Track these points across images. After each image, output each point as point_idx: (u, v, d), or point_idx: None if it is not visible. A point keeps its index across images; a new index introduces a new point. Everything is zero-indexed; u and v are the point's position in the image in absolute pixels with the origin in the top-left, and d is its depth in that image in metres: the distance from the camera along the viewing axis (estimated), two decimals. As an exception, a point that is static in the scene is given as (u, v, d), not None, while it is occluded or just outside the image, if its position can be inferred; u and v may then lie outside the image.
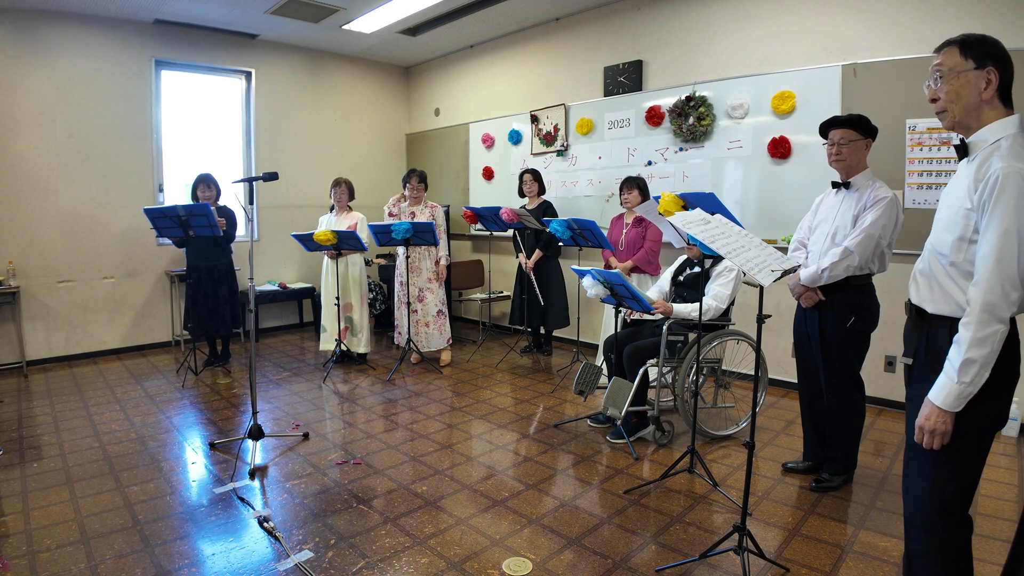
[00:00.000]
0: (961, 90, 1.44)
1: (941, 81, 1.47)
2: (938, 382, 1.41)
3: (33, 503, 2.57)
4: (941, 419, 1.40)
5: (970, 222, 1.40)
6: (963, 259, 1.42)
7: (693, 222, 2.22)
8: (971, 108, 1.45)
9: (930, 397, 1.42)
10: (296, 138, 6.33)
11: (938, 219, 1.53)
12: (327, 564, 2.13)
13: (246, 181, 3.05)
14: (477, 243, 6.48)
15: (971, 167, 1.43)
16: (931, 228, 1.56)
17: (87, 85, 5.04)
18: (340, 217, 4.82)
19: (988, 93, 1.42)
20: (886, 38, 3.58)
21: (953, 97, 1.46)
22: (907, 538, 1.61)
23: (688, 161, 4.54)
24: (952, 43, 1.47)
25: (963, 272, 1.43)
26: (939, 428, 1.40)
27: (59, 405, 3.93)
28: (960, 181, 1.47)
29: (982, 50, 1.42)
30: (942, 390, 1.39)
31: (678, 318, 3.12)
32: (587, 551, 2.22)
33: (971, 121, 1.46)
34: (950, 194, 1.50)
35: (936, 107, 1.51)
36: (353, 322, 4.86)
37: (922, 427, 1.44)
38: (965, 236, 1.41)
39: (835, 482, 2.68)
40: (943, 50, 1.48)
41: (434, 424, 3.57)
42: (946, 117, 1.49)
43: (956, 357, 1.37)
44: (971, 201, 1.39)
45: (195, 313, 4.56)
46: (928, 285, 1.53)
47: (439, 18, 5.42)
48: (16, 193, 4.79)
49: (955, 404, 1.38)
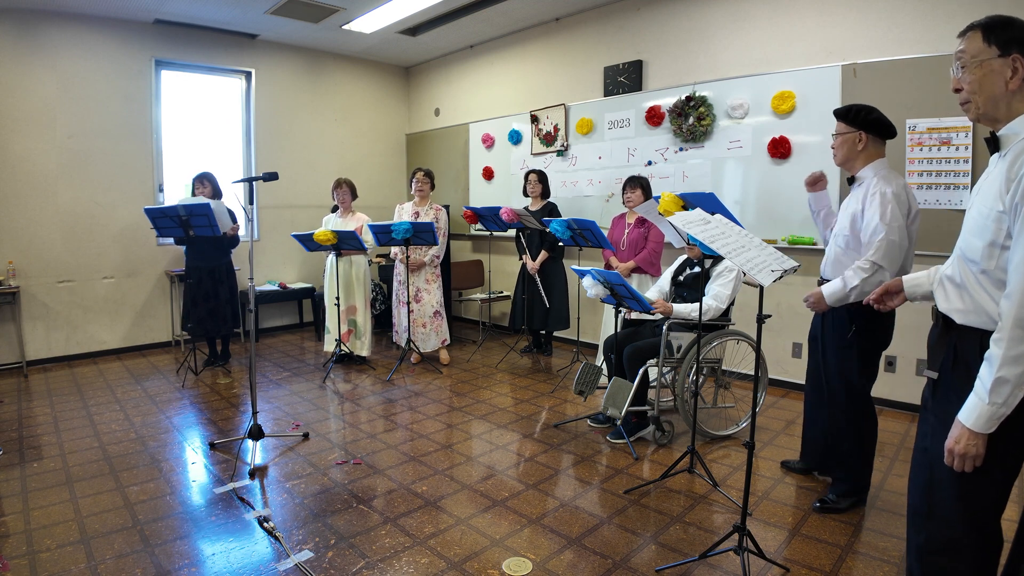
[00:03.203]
0: (984, 79, 1.32)
1: (964, 70, 1.36)
2: (968, 402, 1.29)
3: (33, 503, 2.57)
4: (972, 442, 1.28)
5: (1002, 226, 1.27)
6: (995, 267, 1.30)
7: (693, 222, 2.22)
8: (996, 99, 1.32)
9: (960, 418, 1.30)
10: (296, 138, 6.33)
11: (968, 222, 1.39)
12: (327, 564, 2.13)
13: (246, 181, 3.05)
14: (477, 243, 6.48)
15: (1003, 163, 1.30)
16: (959, 231, 1.44)
17: (87, 85, 5.04)
18: (345, 219, 4.82)
19: (1015, 83, 1.29)
20: (886, 38, 3.58)
21: (976, 87, 1.34)
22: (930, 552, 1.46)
23: (688, 161, 4.54)
24: (975, 27, 1.34)
25: (995, 281, 1.30)
26: (970, 451, 1.29)
27: (59, 405, 3.93)
28: (992, 180, 1.34)
29: (1007, 34, 1.29)
30: (973, 411, 1.28)
31: (678, 318, 3.12)
32: (587, 551, 2.22)
33: (998, 113, 1.33)
34: (981, 193, 1.37)
35: (960, 97, 1.39)
36: (357, 325, 4.86)
37: (952, 450, 1.32)
38: (997, 242, 1.29)
39: (841, 504, 2.48)
40: (967, 35, 1.36)
41: (434, 424, 3.57)
42: (970, 108, 1.37)
43: (987, 376, 1.25)
44: (1003, 203, 1.26)
45: (195, 313, 4.55)
46: (958, 294, 1.40)
47: (439, 18, 5.43)
48: (16, 193, 4.79)
49: (987, 426, 1.26)
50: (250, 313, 3.07)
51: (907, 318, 3.56)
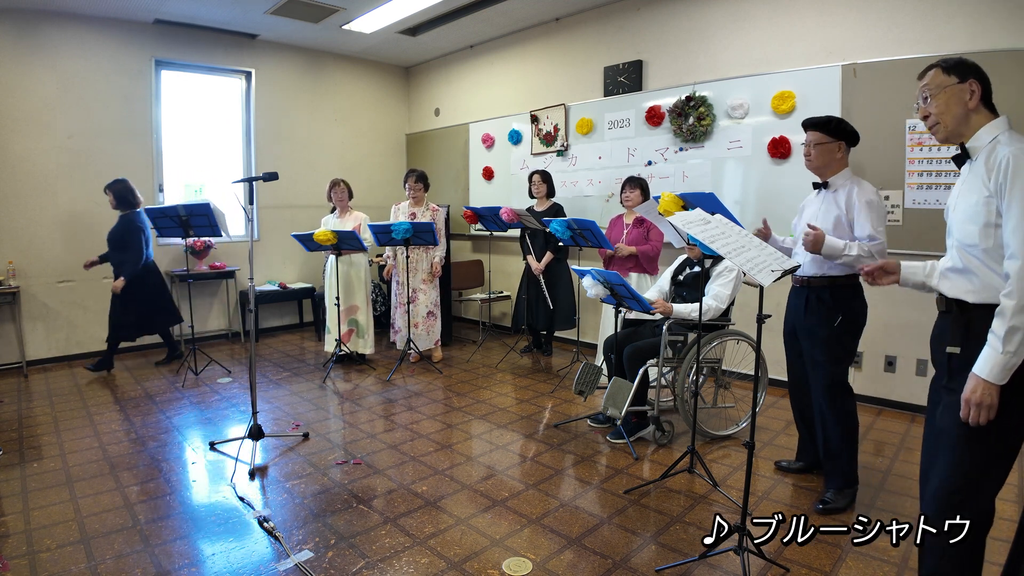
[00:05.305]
0: (950, 102, 1.60)
1: (930, 100, 1.63)
2: (982, 355, 1.45)
3: (33, 503, 2.57)
4: (988, 392, 1.44)
5: (991, 208, 1.49)
6: (994, 244, 1.50)
7: (693, 222, 2.22)
8: (961, 117, 1.60)
9: (975, 371, 1.46)
10: (296, 138, 6.33)
11: (956, 217, 1.61)
12: (327, 564, 2.13)
13: (246, 181, 3.06)
14: (477, 243, 6.48)
15: (977, 164, 1.56)
16: (946, 232, 1.67)
17: (87, 85, 5.04)
18: (343, 218, 4.82)
19: (974, 102, 1.58)
20: (886, 38, 3.58)
21: (943, 109, 1.61)
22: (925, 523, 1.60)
23: (688, 161, 4.54)
24: (933, 66, 1.64)
25: (996, 257, 1.50)
26: (986, 401, 1.44)
27: (59, 405, 3.93)
28: (970, 179, 1.58)
29: (963, 67, 1.59)
30: (987, 362, 1.44)
31: (678, 318, 3.12)
32: (587, 551, 2.22)
33: (963, 129, 1.61)
34: (962, 195, 1.60)
35: (928, 123, 1.66)
36: (359, 324, 4.87)
37: (968, 400, 1.47)
38: (990, 222, 1.50)
39: (840, 503, 2.49)
40: (927, 73, 1.65)
41: (434, 424, 3.57)
42: (939, 130, 1.64)
43: (1000, 328, 1.42)
44: (988, 189, 1.49)
45: (126, 320, 4.55)
46: (965, 279, 1.57)
47: (439, 18, 5.42)
48: (16, 193, 4.79)
49: (1001, 376, 1.42)
50: (250, 313, 3.07)
51: (907, 318, 3.57)
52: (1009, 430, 1.50)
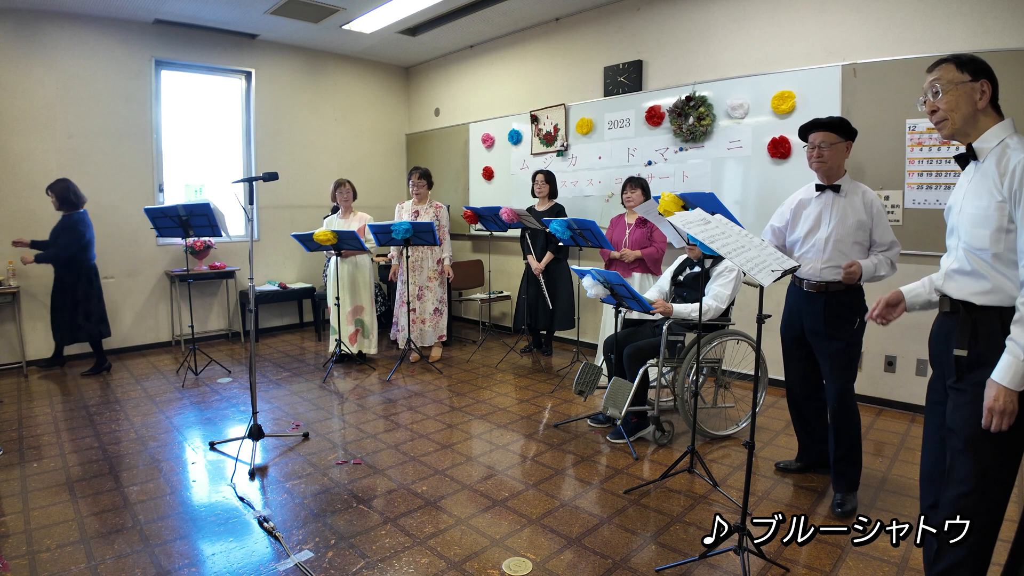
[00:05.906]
0: (960, 99, 1.57)
1: (940, 94, 1.60)
2: (1002, 363, 1.45)
3: (33, 503, 2.57)
4: (1009, 399, 1.44)
5: (1004, 213, 1.49)
6: (1004, 248, 1.50)
7: (693, 222, 2.22)
8: (969, 116, 1.58)
9: (995, 379, 1.46)
10: (296, 138, 6.33)
11: (963, 219, 1.60)
12: (327, 564, 2.13)
13: (246, 181, 3.05)
14: (477, 243, 6.48)
15: (985, 167, 1.56)
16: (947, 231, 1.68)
17: (87, 85, 5.04)
18: (347, 219, 4.83)
19: (983, 102, 1.56)
20: (886, 38, 3.58)
21: (953, 106, 1.58)
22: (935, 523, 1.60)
23: (688, 161, 4.54)
24: (947, 60, 1.61)
25: (1007, 261, 1.50)
26: (1009, 408, 1.44)
27: (59, 405, 3.93)
28: (978, 181, 1.57)
29: (975, 65, 1.57)
30: (1008, 369, 1.44)
31: (678, 318, 3.12)
32: (587, 551, 2.22)
33: (969, 128, 1.59)
34: (969, 196, 1.59)
35: (935, 118, 1.63)
36: (364, 324, 4.88)
37: (991, 409, 1.46)
38: (1002, 226, 1.50)
39: (854, 502, 2.49)
40: (939, 66, 1.62)
41: (434, 424, 3.57)
42: (946, 126, 1.61)
43: (1020, 335, 1.42)
44: (1001, 194, 1.49)
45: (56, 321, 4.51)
46: (972, 280, 1.57)
47: (439, 18, 5.42)
48: (16, 193, 4.79)
49: (1022, 382, 1.42)
50: (250, 313, 3.07)
51: (907, 318, 3.54)
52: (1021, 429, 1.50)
